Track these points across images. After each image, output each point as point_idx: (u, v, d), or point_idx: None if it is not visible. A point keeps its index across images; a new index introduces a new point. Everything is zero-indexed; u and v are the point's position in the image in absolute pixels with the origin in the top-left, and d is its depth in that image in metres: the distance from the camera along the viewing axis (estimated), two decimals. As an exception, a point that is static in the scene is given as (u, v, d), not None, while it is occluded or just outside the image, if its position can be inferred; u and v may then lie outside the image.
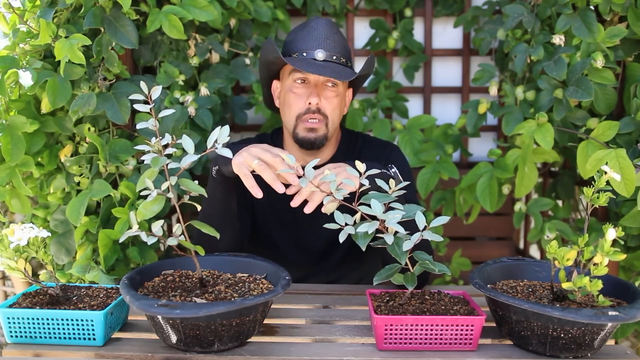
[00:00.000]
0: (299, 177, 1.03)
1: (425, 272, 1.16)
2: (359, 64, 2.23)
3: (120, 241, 1.03)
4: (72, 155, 1.44)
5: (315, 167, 1.04)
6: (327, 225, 1.04)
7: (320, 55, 1.37)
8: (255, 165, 1.12)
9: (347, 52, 1.45)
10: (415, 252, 1.05)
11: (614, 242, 0.98)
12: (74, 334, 1.03)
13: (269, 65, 1.46)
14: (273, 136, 1.59)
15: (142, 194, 0.96)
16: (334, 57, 1.39)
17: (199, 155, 0.96)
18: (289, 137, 1.51)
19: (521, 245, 2.39)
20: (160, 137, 0.99)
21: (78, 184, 1.43)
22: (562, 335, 0.98)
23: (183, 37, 1.45)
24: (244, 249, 1.42)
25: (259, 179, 1.12)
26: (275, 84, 1.53)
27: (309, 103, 1.39)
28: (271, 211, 1.55)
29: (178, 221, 1.00)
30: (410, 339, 1.01)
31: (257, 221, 1.56)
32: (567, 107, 1.51)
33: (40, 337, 1.03)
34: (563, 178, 1.92)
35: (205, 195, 1.00)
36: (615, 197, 1.27)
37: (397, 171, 1.34)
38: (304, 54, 1.38)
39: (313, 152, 1.48)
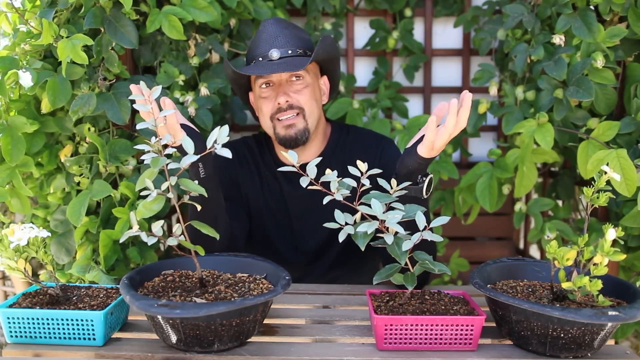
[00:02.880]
0: (300, 176, 1.03)
1: (425, 272, 1.16)
2: (357, 63, 2.23)
3: (121, 241, 1.03)
4: (72, 155, 1.44)
5: (303, 165, 1.03)
6: (327, 225, 1.04)
7: (275, 54, 1.40)
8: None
9: (304, 43, 1.45)
10: (415, 252, 1.05)
11: (614, 242, 0.98)
12: (74, 334, 1.03)
13: (236, 82, 1.50)
14: (266, 135, 1.58)
15: (142, 194, 0.96)
16: (290, 52, 1.41)
17: (199, 156, 0.96)
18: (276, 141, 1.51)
19: (521, 245, 2.39)
20: (160, 137, 0.99)
21: (78, 184, 1.43)
22: (562, 335, 0.98)
23: (182, 38, 1.45)
24: (240, 248, 1.42)
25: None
26: (251, 96, 1.55)
27: (278, 103, 1.41)
28: (267, 210, 1.55)
29: (178, 221, 1.01)
30: (410, 339, 1.01)
31: (253, 220, 1.56)
32: (567, 107, 1.51)
33: (40, 337, 1.04)
34: (563, 178, 1.92)
35: (206, 195, 1.00)
36: (615, 197, 1.27)
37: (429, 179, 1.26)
38: (260, 59, 1.42)
39: (301, 150, 1.48)
